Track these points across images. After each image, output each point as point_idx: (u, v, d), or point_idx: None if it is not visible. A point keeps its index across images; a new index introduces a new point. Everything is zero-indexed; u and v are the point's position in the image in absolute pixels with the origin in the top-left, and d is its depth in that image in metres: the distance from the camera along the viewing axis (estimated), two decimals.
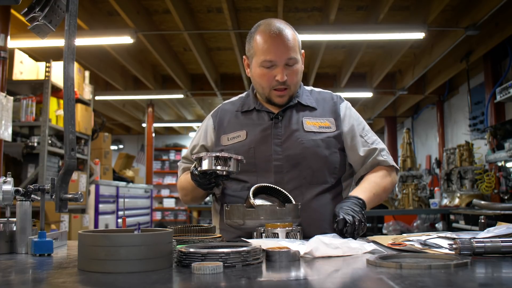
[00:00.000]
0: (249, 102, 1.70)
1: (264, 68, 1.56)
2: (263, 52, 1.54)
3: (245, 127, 1.64)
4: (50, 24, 1.08)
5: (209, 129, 1.73)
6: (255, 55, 1.58)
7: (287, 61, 1.54)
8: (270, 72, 1.56)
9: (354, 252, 1.06)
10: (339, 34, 5.34)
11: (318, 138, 1.59)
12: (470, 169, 5.65)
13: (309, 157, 1.56)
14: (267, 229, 1.26)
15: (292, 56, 1.54)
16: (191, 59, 7.26)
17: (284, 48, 1.53)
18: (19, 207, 1.21)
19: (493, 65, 6.02)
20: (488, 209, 4.42)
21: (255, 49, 1.58)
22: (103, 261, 0.86)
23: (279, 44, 1.53)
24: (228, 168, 1.36)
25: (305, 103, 1.66)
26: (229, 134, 1.65)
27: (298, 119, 1.62)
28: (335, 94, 1.75)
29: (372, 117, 10.30)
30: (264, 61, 1.54)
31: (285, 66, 1.55)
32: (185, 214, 12.76)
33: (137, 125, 12.02)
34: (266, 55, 1.54)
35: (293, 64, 1.56)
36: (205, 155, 1.37)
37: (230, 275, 0.82)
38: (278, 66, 1.54)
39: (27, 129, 4.85)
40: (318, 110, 1.66)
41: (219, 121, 1.71)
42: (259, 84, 1.61)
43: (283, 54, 1.53)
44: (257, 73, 1.59)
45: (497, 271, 0.87)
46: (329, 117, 1.65)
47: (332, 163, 1.60)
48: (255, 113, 1.67)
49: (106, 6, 5.52)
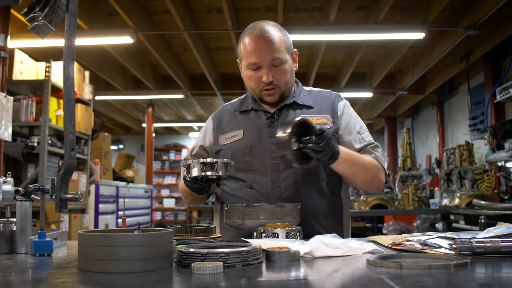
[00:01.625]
0: (248, 102, 1.73)
1: (251, 71, 1.60)
2: (247, 55, 1.58)
3: (242, 126, 1.67)
4: (50, 24, 1.08)
5: (208, 131, 1.79)
6: (243, 59, 1.63)
7: (272, 62, 1.56)
8: (256, 74, 1.59)
9: (354, 252, 1.06)
10: (339, 34, 5.34)
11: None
12: (470, 169, 5.65)
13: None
14: (267, 229, 1.27)
15: (276, 57, 1.56)
16: (191, 59, 7.26)
17: (267, 49, 1.55)
18: (19, 207, 1.21)
19: (493, 65, 6.01)
20: (488, 209, 4.42)
21: (242, 52, 1.62)
22: (103, 261, 0.86)
23: (261, 46, 1.55)
24: (216, 172, 1.40)
25: (301, 102, 1.67)
26: (227, 134, 1.69)
27: (294, 117, 1.62)
28: (334, 92, 1.75)
29: (372, 117, 10.29)
30: (249, 64, 1.58)
31: (270, 67, 1.57)
32: (185, 214, 12.76)
33: (137, 125, 12.02)
34: (250, 58, 1.57)
35: (279, 64, 1.57)
36: (192, 162, 1.41)
37: (230, 275, 0.82)
38: (263, 67, 1.57)
39: (27, 129, 4.85)
40: (315, 108, 1.67)
41: (218, 122, 1.75)
42: (249, 85, 1.65)
43: (266, 56, 1.55)
44: (246, 76, 1.64)
45: (497, 271, 0.87)
46: (326, 114, 1.66)
47: None
48: (252, 112, 1.69)
49: (106, 6, 5.52)
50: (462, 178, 5.80)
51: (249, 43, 1.57)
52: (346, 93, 7.80)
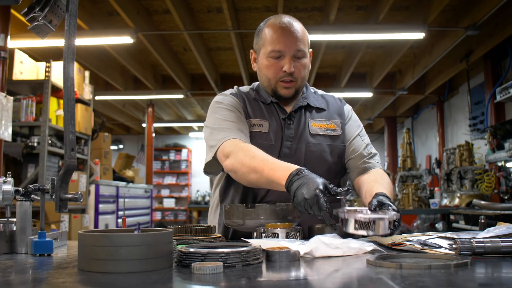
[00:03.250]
0: (264, 94, 1.64)
1: (271, 59, 1.55)
2: (271, 42, 1.54)
3: (267, 118, 1.60)
4: (50, 24, 1.08)
5: (240, 109, 1.59)
6: (263, 46, 1.57)
7: (296, 53, 1.54)
8: (277, 62, 1.55)
9: (354, 252, 1.06)
10: (339, 34, 5.34)
11: (324, 143, 1.59)
12: (470, 169, 5.64)
13: (314, 161, 1.56)
14: (267, 229, 1.26)
15: (300, 48, 1.54)
16: (191, 59, 7.26)
17: (293, 39, 1.52)
18: (19, 207, 1.21)
19: (493, 65, 6.01)
20: (488, 209, 4.42)
21: (263, 40, 1.57)
22: (103, 261, 0.86)
23: (288, 34, 1.53)
24: (371, 231, 1.13)
25: (313, 104, 1.65)
26: (254, 120, 1.58)
27: (306, 120, 1.62)
28: (337, 97, 1.76)
29: (372, 117, 10.29)
30: (272, 51, 1.54)
31: (293, 58, 1.54)
32: (185, 214, 12.77)
33: (137, 125, 12.02)
34: (274, 45, 1.53)
35: (302, 57, 1.55)
36: (352, 216, 1.13)
37: (230, 275, 0.82)
38: (286, 56, 1.53)
39: (27, 129, 4.85)
40: (325, 111, 1.66)
41: (244, 104, 1.62)
42: (265, 76, 1.59)
43: (292, 45, 1.52)
44: (264, 64, 1.58)
45: (497, 271, 0.87)
46: (335, 118, 1.65)
47: (335, 171, 1.62)
48: (272, 107, 1.63)
49: (106, 6, 5.52)
50: (462, 178, 5.80)
51: (276, 30, 1.54)
52: (346, 93, 7.80)
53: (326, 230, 1.29)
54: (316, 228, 1.33)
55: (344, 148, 1.64)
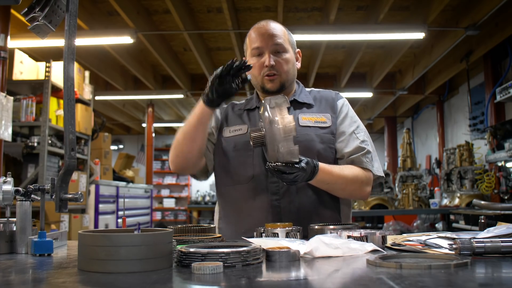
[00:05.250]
0: (253, 101, 1.78)
1: (254, 57, 1.66)
2: (251, 42, 1.67)
3: (246, 122, 1.72)
4: (50, 24, 1.08)
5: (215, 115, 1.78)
6: (248, 49, 1.70)
7: (274, 47, 1.63)
8: (259, 60, 1.65)
9: (354, 252, 1.06)
10: (339, 34, 5.34)
11: (313, 133, 1.62)
12: (470, 169, 5.64)
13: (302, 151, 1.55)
14: (267, 229, 1.27)
15: (278, 42, 1.63)
16: (191, 59, 7.26)
17: (269, 35, 1.63)
18: (19, 207, 1.21)
19: (493, 65, 6.01)
20: (488, 209, 4.42)
21: (247, 43, 1.71)
22: (103, 261, 0.86)
23: (265, 31, 1.64)
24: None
25: (301, 100, 1.71)
26: (231, 127, 1.73)
27: (294, 115, 1.64)
28: (333, 91, 1.78)
29: (372, 117, 10.29)
30: (253, 49, 1.65)
31: (273, 53, 1.63)
32: (185, 214, 12.77)
33: (137, 125, 12.02)
34: (254, 44, 1.65)
35: (282, 51, 1.64)
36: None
37: (230, 275, 0.82)
38: (265, 52, 1.63)
39: (27, 129, 4.85)
40: (315, 107, 1.70)
41: (224, 114, 1.79)
42: (252, 74, 1.69)
43: (269, 41, 1.62)
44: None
45: (497, 271, 0.87)
46: (325, 112, 1.68)
47: (324, 157, 1.60)
48: (257, 110, 1.73)
49: (106, 6, 5.52)
50: (462, 178, 5.80)
51: (255, 31, 1.68)
52: (346, 93, 7.79)
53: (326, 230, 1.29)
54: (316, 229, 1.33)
55: (333, 138, 1.64)
